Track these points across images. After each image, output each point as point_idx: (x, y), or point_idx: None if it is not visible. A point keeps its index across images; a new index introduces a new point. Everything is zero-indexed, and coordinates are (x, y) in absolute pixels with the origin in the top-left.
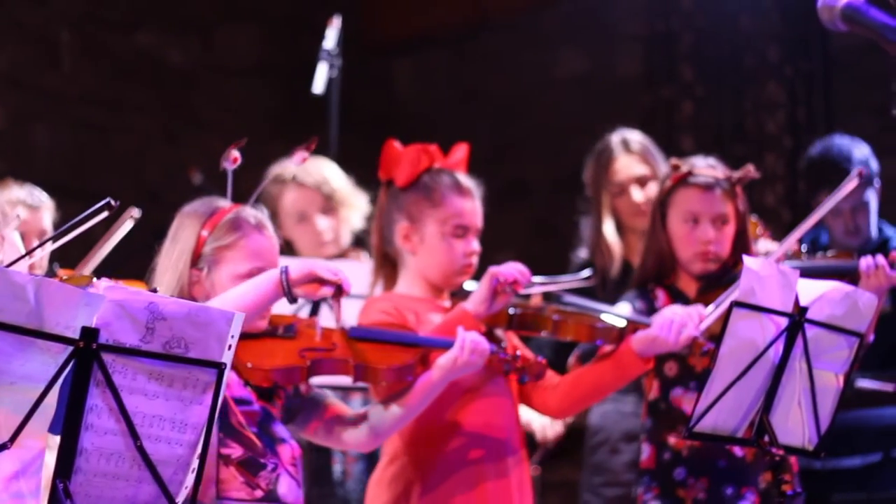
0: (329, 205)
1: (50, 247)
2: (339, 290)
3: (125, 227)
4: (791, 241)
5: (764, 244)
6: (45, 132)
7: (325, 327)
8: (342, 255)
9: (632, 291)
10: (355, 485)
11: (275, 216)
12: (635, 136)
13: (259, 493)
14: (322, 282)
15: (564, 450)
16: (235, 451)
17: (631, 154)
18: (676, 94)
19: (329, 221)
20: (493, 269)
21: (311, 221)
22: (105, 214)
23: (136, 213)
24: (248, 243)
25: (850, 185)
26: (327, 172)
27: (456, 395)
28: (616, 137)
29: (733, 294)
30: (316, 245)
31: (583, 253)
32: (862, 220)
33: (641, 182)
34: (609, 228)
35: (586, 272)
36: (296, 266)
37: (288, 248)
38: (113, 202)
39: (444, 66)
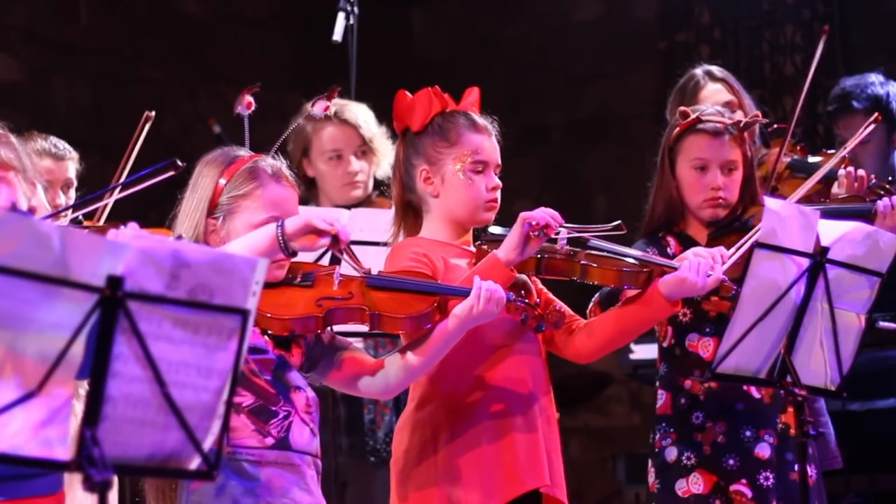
0: (365, 147)
1: (109, 200)
2: (336, 240)
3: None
4: (816, 178)
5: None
6: (63, 85)
7: (345, 275)
8: (366, 201)
9: (642, 240)
10: (385, 434)
11: (306, 152)
12: (717, 67)
13: (270, 441)
14: (319, 233)
15: (584, 395)
16: (246, 398)
17: (717, 81)
18: (693, 38)
19: (362, 164)
20: (525, 214)
21: (345, 160)
22: (171, 174)
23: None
24: (265, 193)
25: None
26: (367, 115)
27: (481, 347)
28: (700, 70)
29: (755, 235)
30: (345, 186)
31: None
32: (865, 157)
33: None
34: None
35: (617, 222)
36: (292, 219)
37: (311, 184)
38: (179, 162)
39: (460, 13)
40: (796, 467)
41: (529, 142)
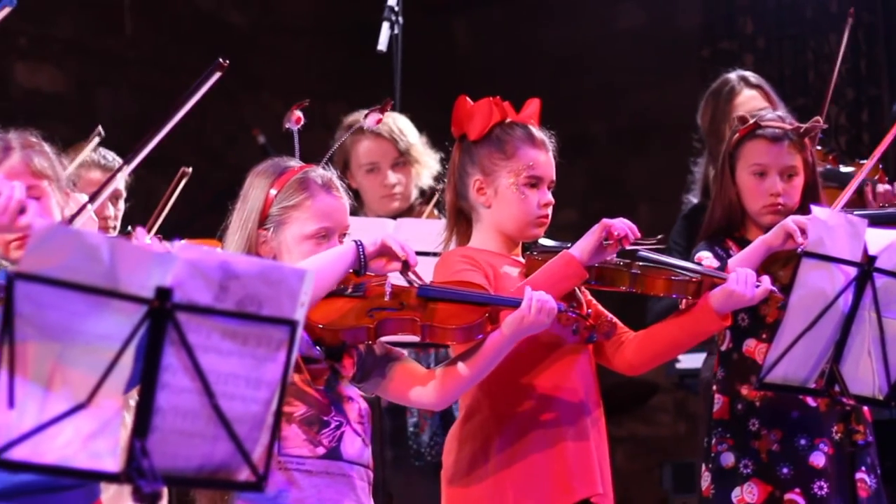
0: (402, 159)
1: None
2: (406, 267)
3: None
4: (852, 187)
5: (882, 187)
6: (108, 96)
7: (395, 285)
8: (409, 210)
9: (704, 242)
10: (429, 437)
11: (347, 165)
12: (751, 74)
13: (321, 451)
14: (391, 256)
15: (630, 404)
16: (298, 408)
17: (752, 88)
18: (737, 46)
19: (399, 176)
20: (606, 221)
21: (382, 173)
22: (218, 75)
23: (188, 170)
24: (316, 203)
25: None
26: (404, 126)
27: (532, 355)
28: (734, 75)
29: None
30: (383, 198)
31: (694, 197)
32: None
33: None
34: None
35: (660, 236)
36: (369, 240)
37: (355, 197)
38: (223, 61)
39: (504, 21)
40: (856, 476)
41: (573, 150)
